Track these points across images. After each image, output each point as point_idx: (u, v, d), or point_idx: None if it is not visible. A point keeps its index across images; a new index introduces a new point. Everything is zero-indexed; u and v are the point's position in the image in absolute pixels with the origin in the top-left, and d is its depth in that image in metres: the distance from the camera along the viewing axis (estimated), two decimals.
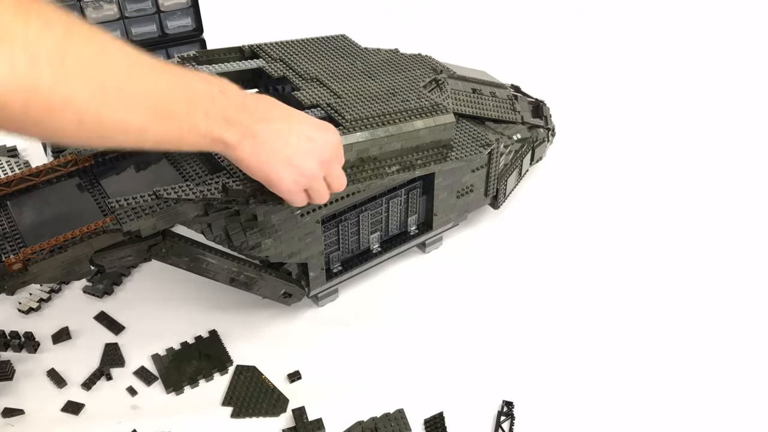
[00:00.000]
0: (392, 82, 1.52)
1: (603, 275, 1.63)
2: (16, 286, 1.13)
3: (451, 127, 1.46)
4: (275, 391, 1.35)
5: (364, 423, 1.29)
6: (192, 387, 1.36)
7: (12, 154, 2.05)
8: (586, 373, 1.39)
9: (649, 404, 1.33)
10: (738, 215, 1.82)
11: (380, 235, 1.58)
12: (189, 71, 1.03)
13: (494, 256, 1.69)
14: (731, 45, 2.73)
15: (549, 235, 1.76)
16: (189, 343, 1.45)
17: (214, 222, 1.25)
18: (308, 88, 1.44)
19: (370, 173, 1.36)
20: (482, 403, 1.33)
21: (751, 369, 1.40)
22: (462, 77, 1.74)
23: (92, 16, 1.83)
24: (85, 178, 1.34)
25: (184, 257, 1.27)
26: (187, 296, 1.56)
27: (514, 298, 1.56)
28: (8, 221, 1.23)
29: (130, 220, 1.15)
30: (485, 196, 1.71)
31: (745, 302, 1.56)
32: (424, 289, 1.59)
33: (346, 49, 1.64)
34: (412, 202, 1.59)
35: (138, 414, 1.31)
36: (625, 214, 1.83)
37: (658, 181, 1.96)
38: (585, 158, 2.06)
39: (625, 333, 1.48)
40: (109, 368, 1.39)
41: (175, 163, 1.39)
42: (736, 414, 1.31)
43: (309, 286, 1.48)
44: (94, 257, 1.18)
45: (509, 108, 1.81)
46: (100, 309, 1.53)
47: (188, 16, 1.95)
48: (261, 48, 1.59)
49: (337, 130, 1.23)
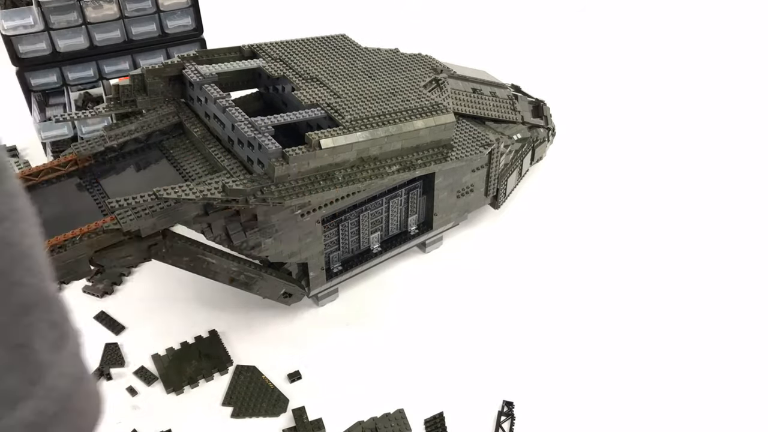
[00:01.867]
0: (392, 82, 1.52)
1: (603, 275, 1.63)
2: None
3: (451, 127, 1.46)
4: (275, 391, 1.35)
5: (364, 423, 1.29)
6: (192, 387, 1.36)
7: (12, 154, 2.05)
8: (586, 373, 1.39)
9: (649, 404, 1.33)
10: (737, 214, 1.82)
11: (380, 235, 1.58)
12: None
13: (494, 256, 1.69)
14: (731, 45, 2.73)
15: (549, 234, 1.76)
16: (189, 343, 1.45)
17: (214, 222, 1.25)
18: (308, 87, 1.44)
19: (371, 173, 1.35)
20: (482, 403, 1.32)
21: (750, 369, 1.40)
22: (462, 77, 1.74)
23: (92, 15, 1.83)
24: (85, 178, 1.34)
25: (184, 257, 1.27)
26: (187, 296, 1.56)
27: (514, 298, 1.56)
28: None
29: (130, 220, 1.15)
30: (485, 195, 1.71)
31: (745, 302, 1.56)
32: (424, 289, 1.59)
33: (346, 49, 1.64)
34: (413, 202, 1.59)
35: (138, 414, 1.31)
36: (625, 213, 1.83)
37: (658, 181, 1.96)
38: (585, 158, 2.06)
39: (625, 333, 1.48)
40: (109, 368, 1.39)
41: (175, 163, 1.39)
42: (735, 414, 1.31)
43: (309, 286, 1.48)
44: (94, 257, 1.18)
45: (509, 108, 1.81)
46: (100, 309, 1.53)
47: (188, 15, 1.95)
48: (261, 48, 1.59)
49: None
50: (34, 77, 1.91)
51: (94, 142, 1.39)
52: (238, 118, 1.29)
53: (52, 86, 1.94)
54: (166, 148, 1.43)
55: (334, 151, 1.28)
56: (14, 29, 1.79)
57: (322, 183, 1.29)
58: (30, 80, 1.91)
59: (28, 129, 2.09)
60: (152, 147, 1.44)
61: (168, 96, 1.49)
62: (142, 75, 1.44)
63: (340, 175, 1.31)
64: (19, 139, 2.11)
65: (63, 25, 1.84)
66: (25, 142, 2.09)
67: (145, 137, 1.44)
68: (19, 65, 1.87)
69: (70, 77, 1.93)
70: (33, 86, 1.92)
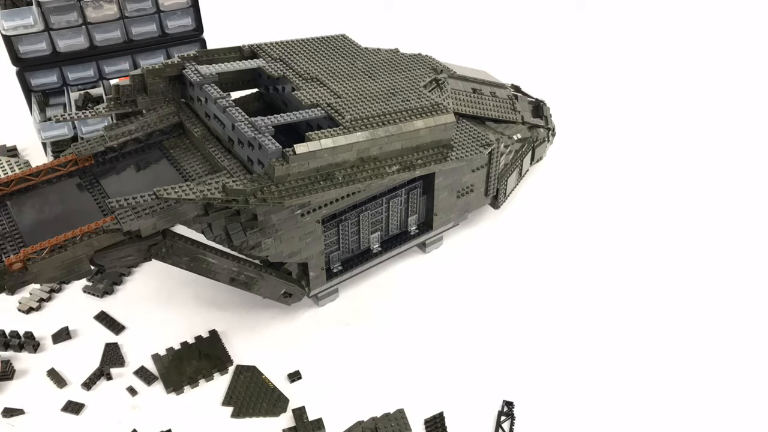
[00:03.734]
0: (392, 82, 1.52)
1: (603, 275, 1.63)
2: (17, 285, 1.13)
3: (451, 127, 1.46)
4: (275, 391, 1.35)
5: (364, 423, 1.29)
6: (192, 387, 1.36)
7: (12, 154, 2.05)
8: (586, 373, 1.39)
9: (649, 404, 1.33)
10: (737, 215, 1.82)
11: (380, 235, 1.58)
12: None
13: (494, 256, 1.69)
14: (731, 45, 2.73)
15: (549, 235, 1.76)
16: (189, 343, 1.45)
17: (214, 222, 1.25)
18: (308, 87, 1.44)
19: (371, 173, 1.35)
20: (482, 403, 1.33)
21: (750, 369, 1.40)
22: (462, 77, 1.74)
23: (92, 16, 1.83)
24: (85, 178, 1.34)
25: (184, 257, 1.27)
26: (187, 296, 1.56)
27: (514, 298, 1.56)
28: (8, 221, 1.23)
29: (130, 220, 1.15)
30: (485, 195, 1.71)
31: (745, 302, 1.56)
32: (425, 289, 1.59)
33: (346, 49, 1.64)
34: (413, 202, 1.59)
35: (138, 414, 1.31)
36: (625, 214, 1.83)
37: (658, 181, 1.96)
38: (585, 158, 2.06)
39: (625, 333, 1.48)
40: (110, 368, 1.39)
41: (175, 163, 1.39)
42: (735, 414, 1.31)
43: (309, 286, 1.48)
44: (94, 257, 1.18)
45: (509, 108, 1.81)
46: (100, 309, 1.53)
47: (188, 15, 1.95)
48: (261, 48, 1.59)
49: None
50: (34, 77, 1.91)
51: (94, 142, 1.39)
52: (239, 118, 1.29)
53: (52, 86, 1.94)
54: (166, 148, 1.43)
55: (334, 151, 1.28)
56: (14, 29, 1.79)
57: (322, 183, 1.29)
58: (30, 80, 1.91)
59: (28, 129, 2.09)
60: (152, 147, 1.44)
61: (168, 96, 1.49)
62: (143, 75, 1.44)
63: (340, 175, 1.31)
64: (19, 139, 2.11)
65: (63, 25, 1.84)
66: (25, 142, 2.09)
67: (145, 137, 1.44)
68: (19, 65, 1.87)
69: (70, 77, 1.93)
70: (33, 86, 1.92)
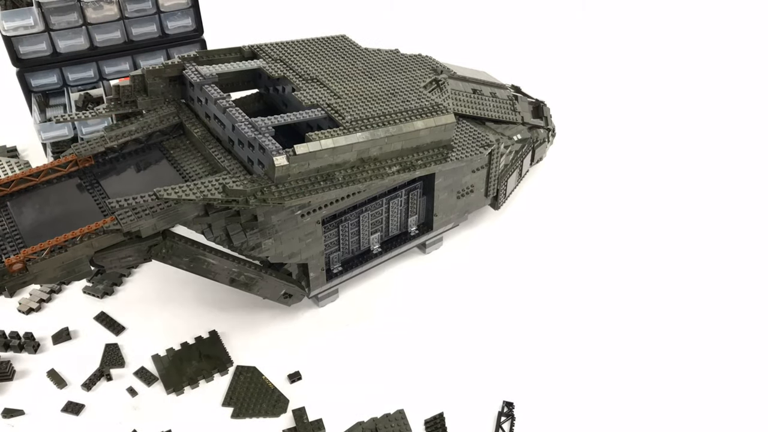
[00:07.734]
0: (392, 83, 1.52)
1: (603, 275, 1.63)
2: (17, 286, 1.13)
3: (451, 128, 1.46)
4: (275, 392, 1.35)
5: (364, 423, 1.29)
6: (192, 387, 1.36)
7: (12, 154, 2.05)
8: (586, 373, 1.39)
9: (649, 404, 1.33)
10: (737, 215, 1.82)
11: (380, 236, 1.58)
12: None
13: (494, 256, 1.69)
14: (731, 45, 2.73)
15: (549, 235, 1.76)
16: (189, 343, 1.45)
17: (214, 222, 1.25)
18: (308, 88, 1.44)
19: (371, 173, 1.35)
20: (482, 404, 1.33)
21: (750, 369, 1.40)
22: (462, 77, 1.74)
23: (92, 16, 1.83)
24: (85, 179, 1.34)
25: (184, 258, 1.27)
26: (187, 296, 1.56)
27: (514, 299, 1.56)
28: (8, 221, 1.23)
29: (130, 221, 1.15)
30: (485, 196, 1.71)
31: (745, 302, 1.56)
32: (425, 290, 1.59)
33: (346, 50, 1.64)
34: (413, 203, 1.59)
35: (138, 414, 1.31)
36: (625, 214, 1.83)
37: (658, 182, 1.96)
38: (585, 159, 2.06)
39: (625, 333, 1.48)
40: (110, 368, 1.39)
41: (175, 163, 1.39)
42: (735, 414, 1.31)
43: (309, 287, 1.48)
44: (94, 257, 1.18)
45: (510, 108, 1.81)
46: (100, 309, 1.53)
47: (188, 16, 1.95)
48: (261, 48, 1.59)
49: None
50: (34, 78, 1.91)
51: (94, 142, 1.39)
52: (239, 119, 1.29)
53: (52, 87, 1.94)
54: (166, 148, 1.43)
55: (334, 152, 1.28)
56: (14, 30, 1.79)
57: (322, 183, 1.29)
58: (30, 81, 1.91)
59: (28, 130, 2.09)
60: (152, 147, 1.44)
61: (168, 96, 1.49)
62: (143, 76, 1.44)
63: (341, 175, 1.31)
64: (19, 139, 2.11)
65: (63, 26, 1.84)
66: (25, 142, 2.09)
67: (145, 138, 1.44)
68: (20, 66, 1.87)
69: (70, 78, 1.93)
70: (33, 87, 1.92)
